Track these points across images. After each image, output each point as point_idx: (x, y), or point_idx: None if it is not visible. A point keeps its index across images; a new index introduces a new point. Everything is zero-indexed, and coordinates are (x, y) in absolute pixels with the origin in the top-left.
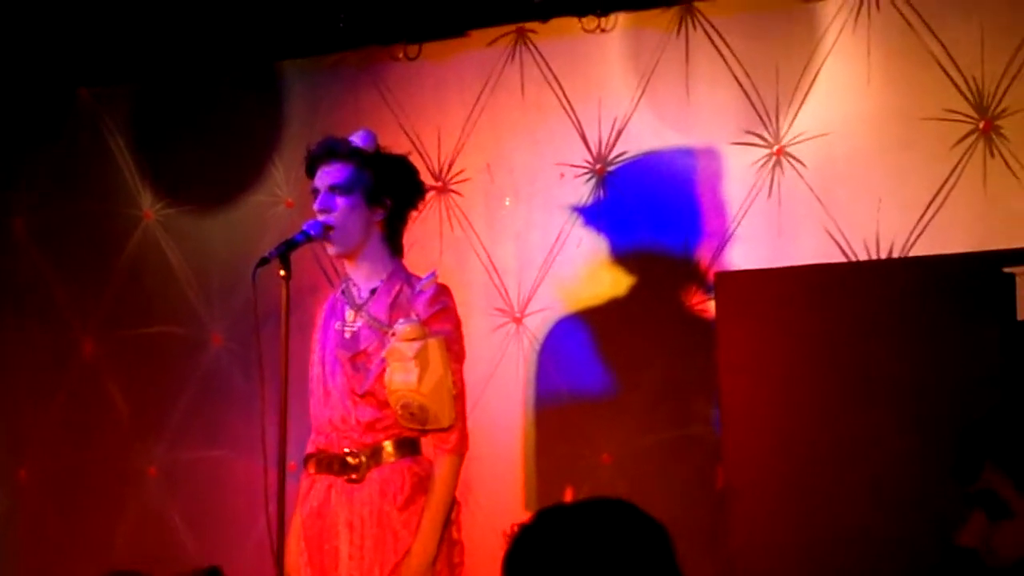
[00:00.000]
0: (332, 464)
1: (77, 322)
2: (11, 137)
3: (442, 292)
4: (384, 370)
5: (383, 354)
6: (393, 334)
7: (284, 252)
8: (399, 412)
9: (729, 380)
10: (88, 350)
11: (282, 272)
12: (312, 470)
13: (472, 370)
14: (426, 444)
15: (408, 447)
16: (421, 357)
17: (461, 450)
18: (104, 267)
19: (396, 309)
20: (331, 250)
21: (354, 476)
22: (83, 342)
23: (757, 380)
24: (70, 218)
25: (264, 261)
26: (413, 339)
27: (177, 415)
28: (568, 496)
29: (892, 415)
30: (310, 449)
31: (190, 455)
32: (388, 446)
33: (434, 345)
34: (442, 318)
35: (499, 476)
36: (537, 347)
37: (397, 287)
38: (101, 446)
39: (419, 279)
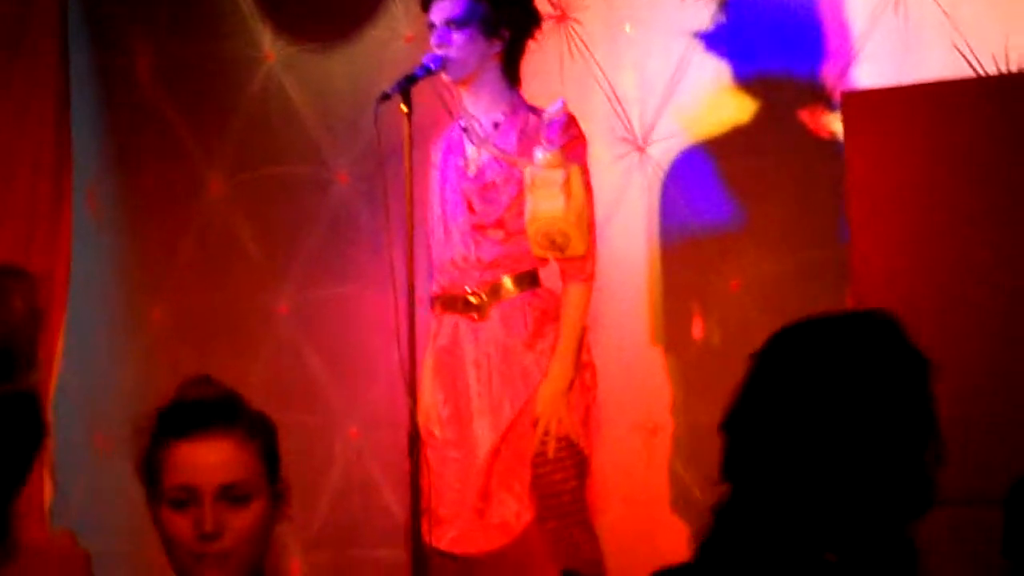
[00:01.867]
0: (456, 304)
1: (204, 163)
2: None
3: (572, 121)
4: (514, 201)
5: (526, 184)
6: (529, 164)
7: (405, 87)
8: (539, 241)
9: (858, 201)
10: (215, 190)
11: (403, 107)
12: (438, 310)
13: (597, 201)
14: (545, 276)
15: (527, 281)
16: (566, 185)
17: (593, 278)
18: (228, 108)
19: (525, 139)
20: (447, 78)
21: (477, 314)
22: (210, 182)
23: (886, 199)
24: (193, 60)
25: (385, 97)
26: (557, 167)
27: (305, 253)
28: (697, 326)
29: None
30: (434, 290)
31: (320, 293)
32: (507, 282)
33: (576, 172)
34: (575, 146)
35: (626, 306)
36: (661, 176)
37: (523, 117)
38: (232, 286)
39: (541, 110)
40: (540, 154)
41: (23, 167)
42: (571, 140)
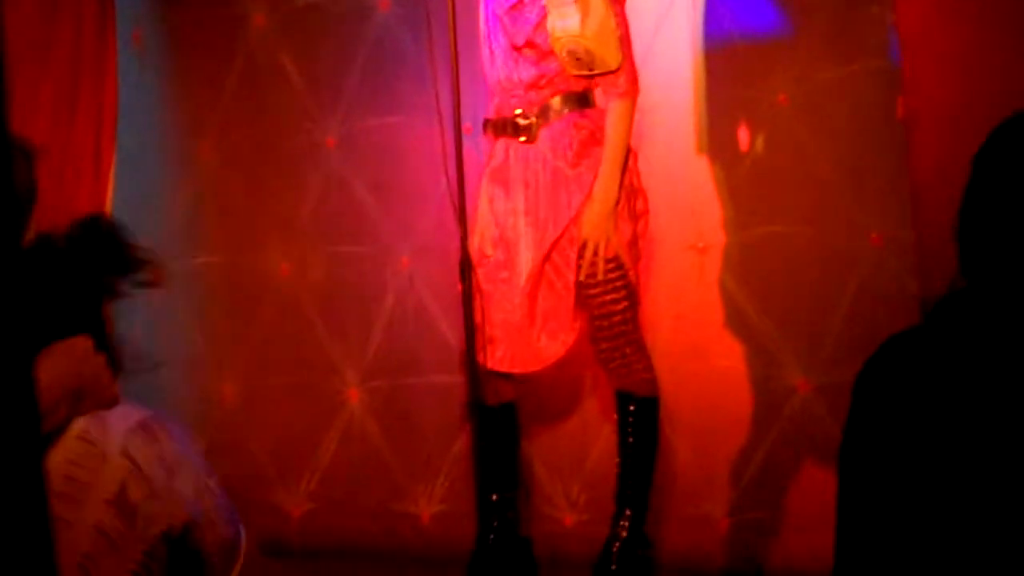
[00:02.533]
0: (505, 127)
1: None
2: None
3: None
4: (543, 20)
5: (543, 2)
6: None
7: None
8: (565, 59)
9: (906, 6)
10: (259, 24)
11: None
12: (491, 134)
13: (640, 15)
14: (599, 97)
15: (576, 101)
16: (580, 1)
17: (632, 93)
18: None
19: None
20: None
21: (525, 136)
22: (254, 16)
23: (936, 7)
24: None
25: None
26: None
27: (350, 84)
28: (744, 140)
29: None
30: (488, 114)
31: (367, 123)
32: (555, 102)
33: None
34: None
35: (673, 122)
36: None
37: None
38: (278, 119)
39: None
40: None
41: (67, 11)
42: None
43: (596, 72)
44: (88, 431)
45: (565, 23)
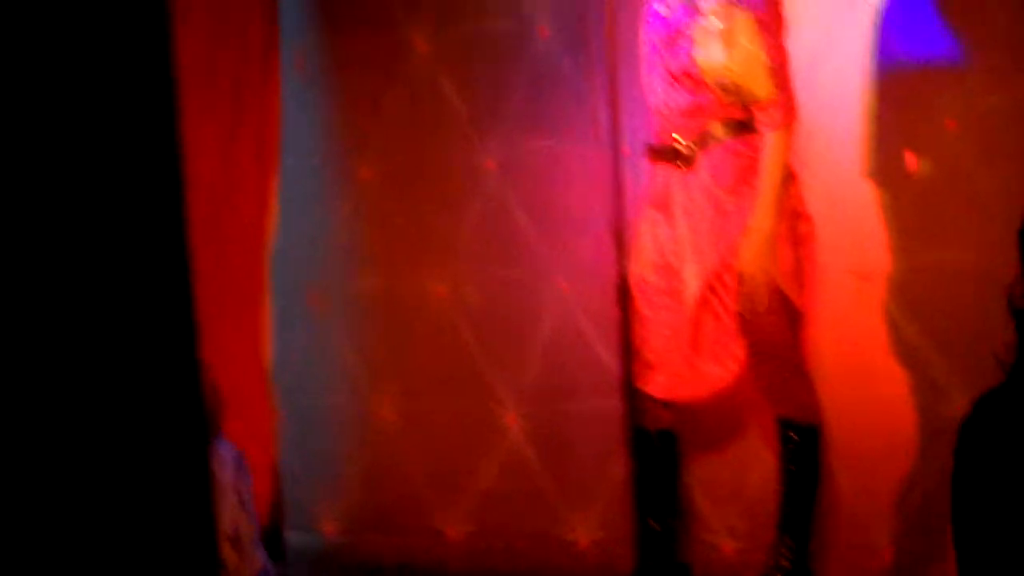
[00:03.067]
0: (665, 152)
1: (408, 21)
2: None
3: None
4: (694, 48)
5: (691, 32)
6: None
7: None
8: (718, 90)
9: None
10: (420, 47)
11: None
12: (652, 159)
13: (804, 41)
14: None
15: (736, 128)
16: (727, 33)
17: (788, 123)
18: None
19: None
20: None
21: (683, 163)
22: (415, 40)
23: None
24: None
25: None
26: (717, 15)
27: (510, 108)
28: (911, 165)
29: None
30: (650, 139)
31: (526, 147)
32: (716, 129)
33: (741, 19)
34: None
35: (837, 147)
36: (873, 14)
37: None
38: (438, 142)
39: None
40: (704, 2)
41: (233, 30)
42: None
43: (749, 103)
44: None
45: (710, 55)
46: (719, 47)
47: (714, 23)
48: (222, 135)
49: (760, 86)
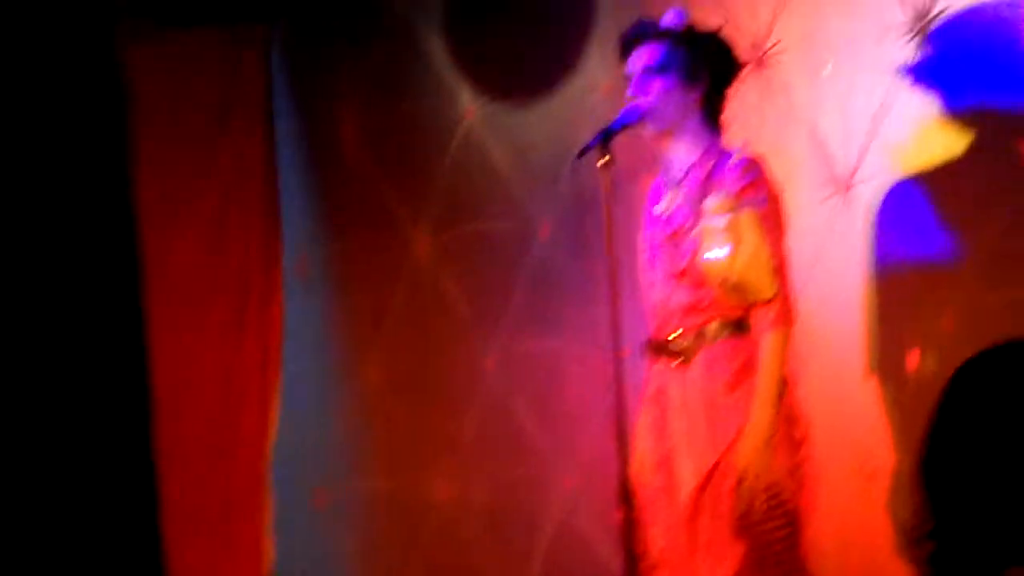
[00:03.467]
0: (662, 349)
1: (409, 222)
2: (332, 48)
3: (752, 163)
4: (699, 247)
5: (695, 231)
6: (704, 210)
7: (604, 140)
8: (716, 286)
9: None
10: (421, 248)
11: (601, 160)
12: (650, 356)
13: (801, 244)
14: (756, 323)
15: (733, 327)
16: (732, 230)
17: (786, 323)
18: (431, 167)
19: (709, 184)
20: (648, 132)
21: (681, 360)
22: (416, 241)
23: None
24: (395, 122)
25: (585, 150)
26: (722, 212)
27: (512, 308)
28: (913, 363)
29: None
30: (648, 336)
31: (527, 347)
32: (712, 327)
33: (746, 217)
34: (754, 188)
35: (835, 348)
36: (869, 216)
37: (711, 162)
38: (441, 342)
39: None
40: (710, 200)
41: (235, 238)
42: (748, 184)
43: (751, 302)
44: None
45: (717, 252)
46: (725, 245)
47: (720, 221)
48: (225, 346)
49: (763, 285)
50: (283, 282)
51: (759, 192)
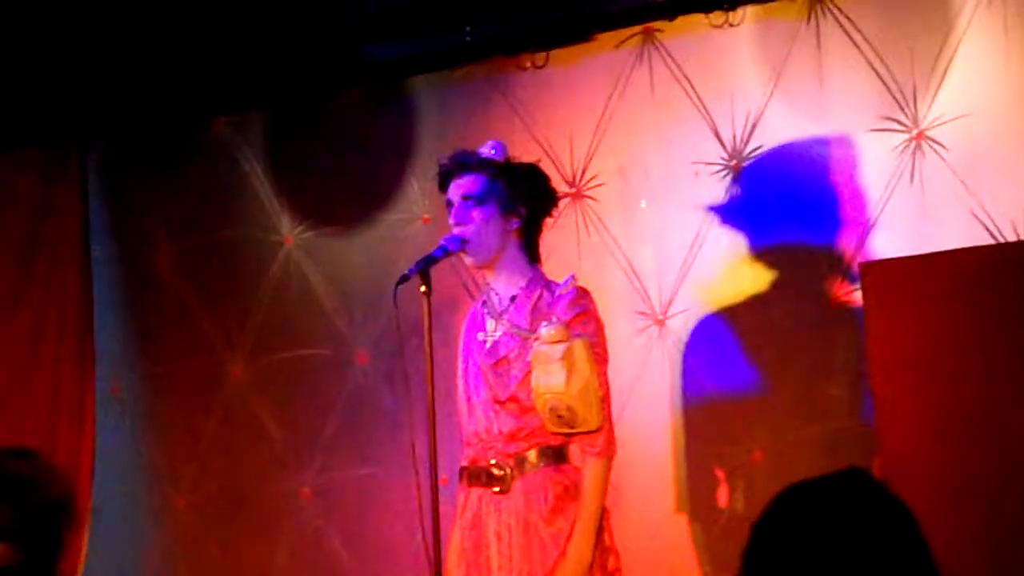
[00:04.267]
0: (480, 476)
1: (225, 348)
2: (150, 170)
3: (582, 295)
4: (527, 376)
5: (529, 358)
6: (536, 339)
7: (423, 268)
8: (547, 416)
9: (880, 370)
10: (237, 375)
11: (423, 288)
12: (465, 483)
13: (617, 375)
14: (573, 452)
15: (552, 456)
16: (567, 359)
17: (609, 453)
18: (248, 293)
19: (536, 314)
20: (469, 261)
21: (500, 487)
22: (231, 367)
23: (909, 369)
24: (212, 247)
25: (404, 278)
26: (558, 341)
27: (327, 435)
28: (722, 496)
29: None
30: (463, 462)
31: (343, 474)
32: (532, 455)
33: (579, 347)
34: (584, 320)
35: (650, 479)
36: (681, 348)
37: (537, 292)
38: (255, 469)
39: (558, 284)
40: (544, 329)
41: (46, 362)
42: (578, 314)
43: (576, 431)
44: None
45: (550, 380)
46: (559, 374)
47: (553, 350)
48: None
49: (592, 415)
50: (95, 406)
51: (589, 323)
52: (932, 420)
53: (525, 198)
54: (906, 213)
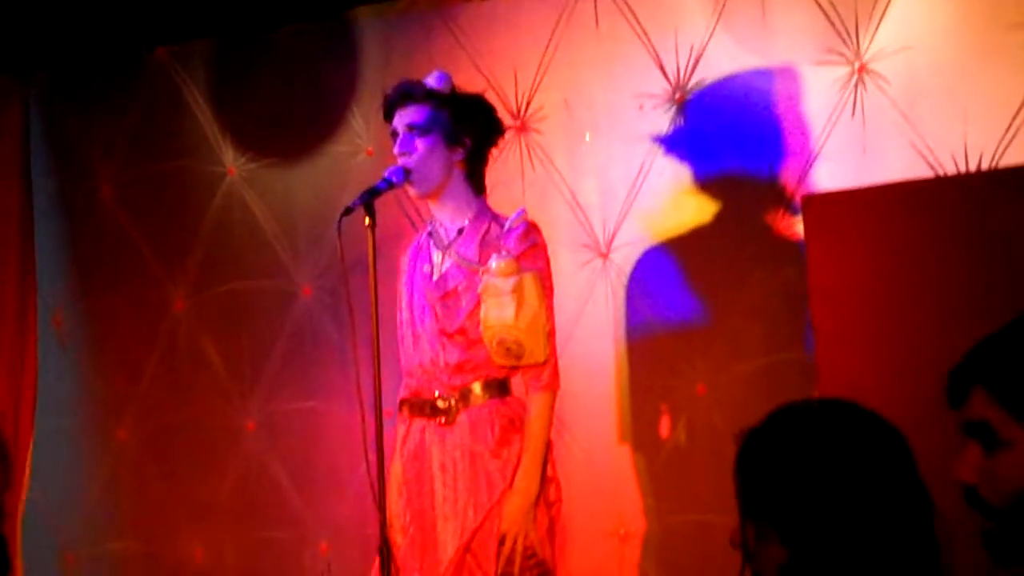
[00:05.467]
0: (424, 408)
1: (168, 281)
2: (91, 102)
3: (532, 229)
4: (475, 308)
5: (479, 291)
6: (485, 271)
7: (368, 200)
8: (494, 349)
9: (821, 302)
10: (180, 308)
11: (367, 220)
12: (406, 414)
13: (561, 308)
14: (517, 385)
15: (497, 388)
16: (517, 292)
17: (554, 386)
18: (191, 225)
19: (485, 247)
20: (413, 192)
21: (444, 419)
22: (175, 300)
23: (849, 301)
24: (155, 179)
25: (348, 211)
26: (508, 275)
27: (272, 368)
28: (664, 428)
29: (991, 330)
30: (403, 394)
31: (287, 407)
32: (476, 388)
33: (529, 280)
34: (533, 254)
35: (594, 412)
36: (625, 281)
37: (485, 225)
38: (198, 403)
39: (506, 218)
40: (494, 262)
41: None
42: (528, 248)
43: (523, 364)
44: None
45: (501, 313)
46: (511, 305)
47: (504, 283)
48: None
49: (539, 347)
50: (38, 338)
51: (539, 257)
52: (872, 351)
53: (470, 129)
54: (848, 146)
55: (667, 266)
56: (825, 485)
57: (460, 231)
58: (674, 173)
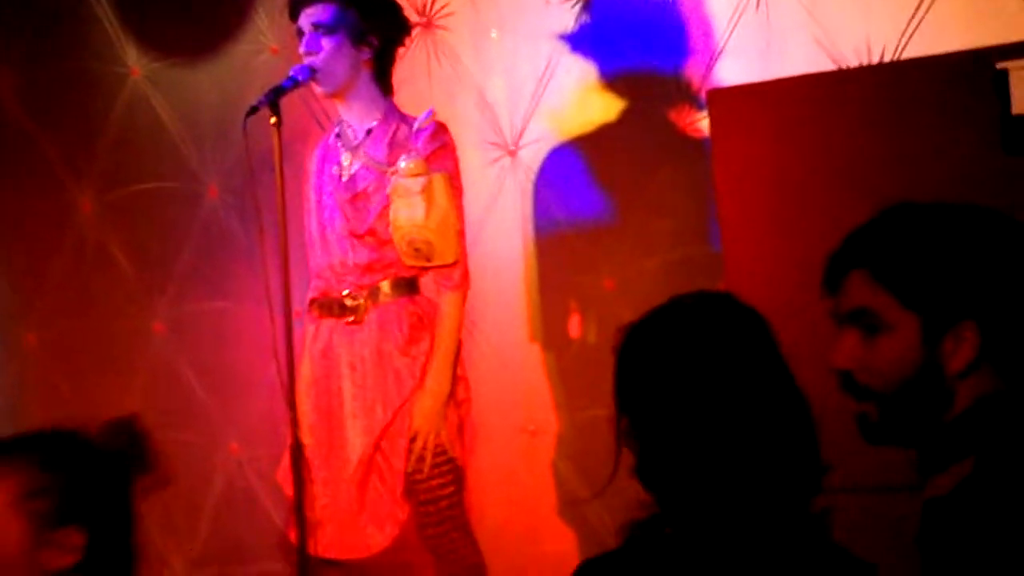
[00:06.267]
0: (332, 307)
1: (72, 182)
2: None
3: (441, 129)
4: (384, 209)
5: (388, 191)
6: (395, 172)
7: (273, 99)
8: (404, 250)
9: (726, 196)
10: (86, 209)
11: (272, 119)
12: (315, 314)
13: (469, 205)
14: (426, 284)
15: (405, 287)
16: (427, 193)
17: (465, 286)
18: (95, 125)
19: (394, 148)
20: (320, 91)
21: (353, 318)
22: (80, 202)
23: (754, 194)
24: (57, 79)
25: (254, 110)
26: (418, 175)
27: (179, 269)
28: (574, 325)
29: None
30: (312, 294)
31: (195, 308)
32: (385, 286)
33: (438, 180)
34: (443, 155)
35: (503, 309)
36: (533, 178)
37: (394, 126)
38: (106, 305)
39: (414, 118)
40: (403, 162)
41: None
42: (438, 148)
43: (433, 264)
44: None
45: (411, 213)
46: (420, 206)
47: (413, 183)
48: None
49: (449, 248)
50: None
51: (448, 158)
52: (777, 244)
53: (377, 27)
54: (751, 41)
55: (575, 163)
56: (673, 380)
57: (368, 132)
58: (580, 70)
